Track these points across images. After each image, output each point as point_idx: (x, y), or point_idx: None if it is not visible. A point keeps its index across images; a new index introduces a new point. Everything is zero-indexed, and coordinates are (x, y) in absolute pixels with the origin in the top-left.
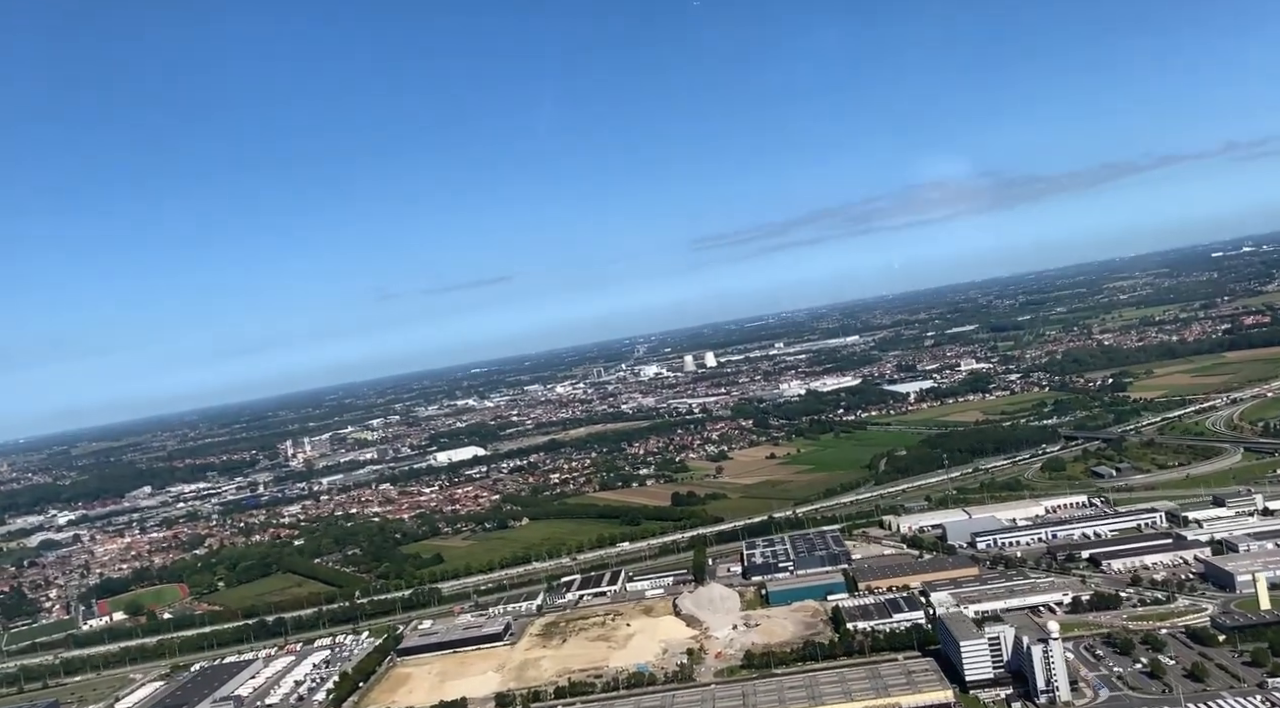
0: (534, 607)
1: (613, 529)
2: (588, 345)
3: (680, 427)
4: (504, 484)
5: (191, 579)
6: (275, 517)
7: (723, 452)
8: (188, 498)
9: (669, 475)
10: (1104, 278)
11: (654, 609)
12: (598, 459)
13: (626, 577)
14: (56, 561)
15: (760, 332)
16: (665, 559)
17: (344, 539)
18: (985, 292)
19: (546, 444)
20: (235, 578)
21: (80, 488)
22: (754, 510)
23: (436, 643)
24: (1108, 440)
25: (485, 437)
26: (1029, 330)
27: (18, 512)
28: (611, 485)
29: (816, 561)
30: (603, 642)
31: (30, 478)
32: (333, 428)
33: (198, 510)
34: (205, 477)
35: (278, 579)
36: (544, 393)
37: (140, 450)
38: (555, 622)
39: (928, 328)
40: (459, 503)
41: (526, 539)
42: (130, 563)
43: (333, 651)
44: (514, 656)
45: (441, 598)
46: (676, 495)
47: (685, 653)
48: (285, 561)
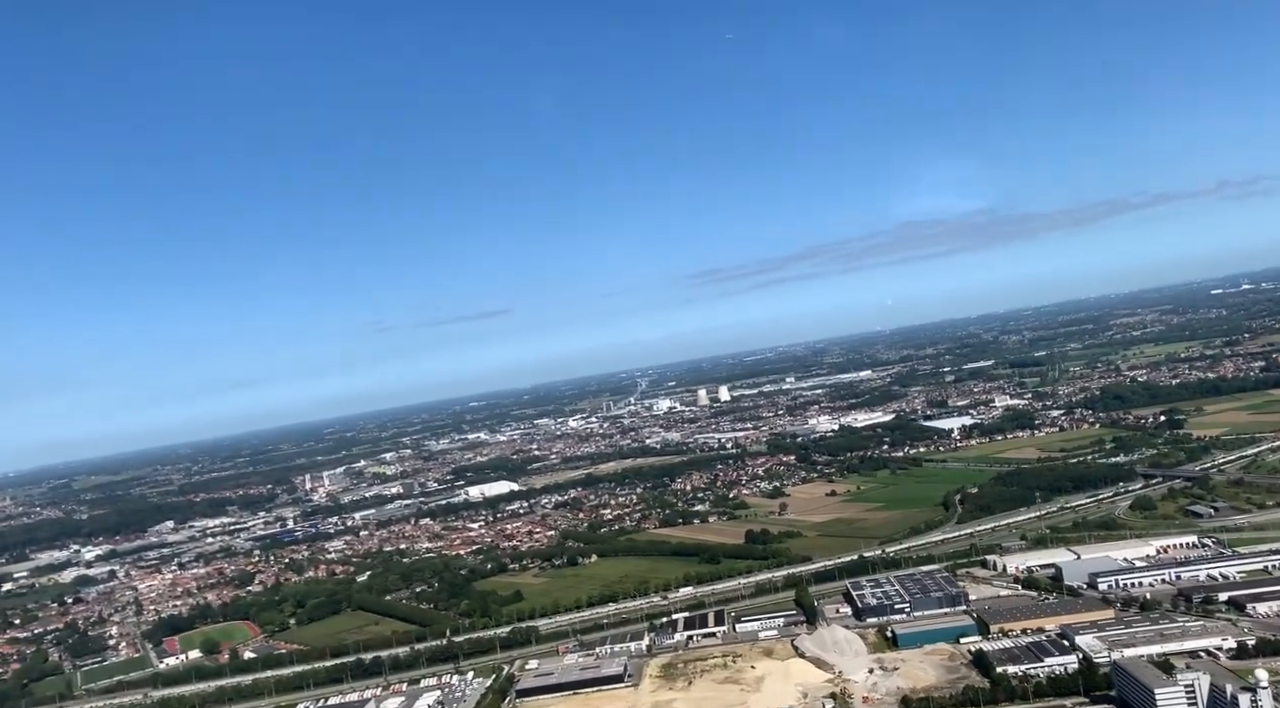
0: (642, 647)
1: (693, 568)
2: (584, 379)
3: (718, 462)
4: (553, 520)
5: (259, 617)
6: (319, 552)
7: (777, 488)
8: (215, 533)
9: (729, 512)
10: (1107, 314)
11: (774, 651)
12: (645, 495)
13: (733, 617)
14: (99, 597)
15: (763, 366)
16: (762, 599)
17: (409, 576)
18: (984, 327)
19: (583, 479)
20: (305, 616)
21: (100, 523)
22: (836, 549)
23: (555, 684)
24: (1190, 479)
25: (512, 471)
26: (1050, 366)
27: (39, 547)
28: (672, 522)
29: (933, 602)
30: (733, 684)
31: (40, 512)
32: (344, 462)
33: (231, 546)
34: (225, 511)
35: (349, 617)
36: (556, 427)
37: (145, 484)
38: (672, 663)
39: (940, 363)
40: (514, 539)
41: (602, 576)
42: (181, 600)
43: (442, 691)
44: (641, 698)
45: (540, 637)
46: (750, 533)
47: (828, 697)
48: (355, 598)
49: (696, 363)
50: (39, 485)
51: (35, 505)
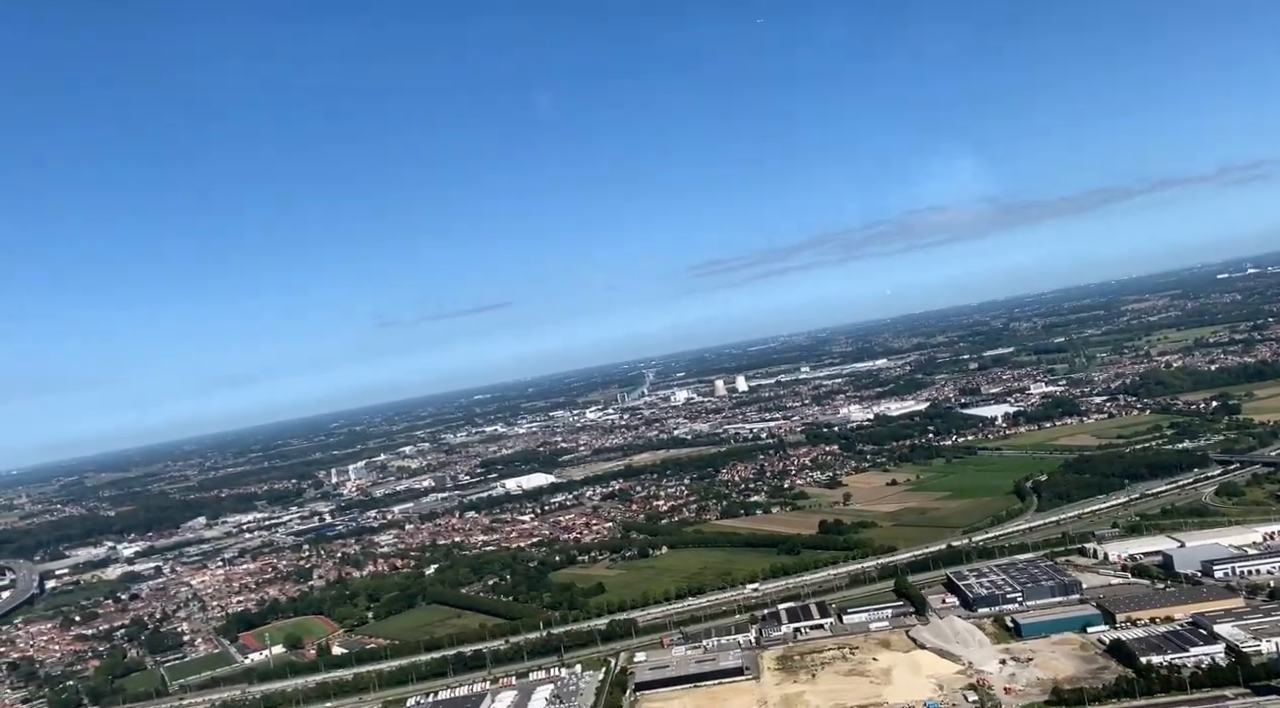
0: (749, 640)
1: (773, 559)
2: (587, 371)
3: (758, 452)
4: (605, 512)
5: (334, 612)
6: (370, 546)
7: (833, 478)
8: (250, 528)
9: (789, 502)
10: (1115, 300)
11: (890, 643)
12: (693, 486)
13: (835, 609)
14: (154, 593)
15: (769, 356)
16: (856, 590)
17: (479, 569)
18: (989, 315)
19: (623, 471)
20: (381, 610)
21: (129, 520)
22: (917, 539)
23: (675, 677)
24: (1271, 465)
25: (545, 464)
26: (1074, 353)
27: (71, 544)
28: (733, 513)
29: (1045, 591)
30: (858, 677)
31: (61, 510)
32: (361, 456)
33: (272, 541)
34: (254, 507)
35: (426, 611)
36: (574, 419)
37: (160, 481)
38: (786, 655)
39: (958, 351)
40: (571, 531)
41: (679, 568)
42: (243, 595)
43: (555, 685)
44: (769, 692)
45: (638, 629)
46: (823, 524)
47: (966, 688)
48: (428, 591)
49: (699, 353)
50: (48, 483)
51: (55, 503)
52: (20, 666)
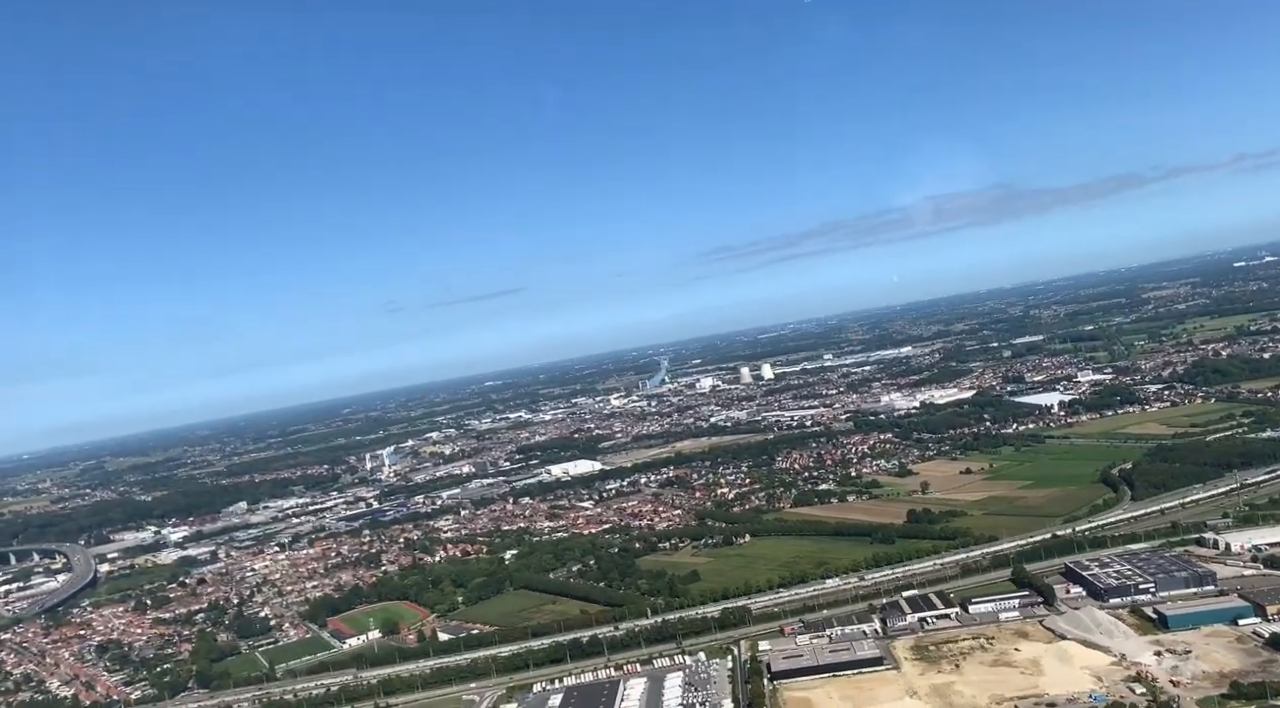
0: (874, 629)
1: (868, 548)
2: (597, 357)
3: (810, 440)
4: (667, 499)
5: (421, 598)
6: (432, 532)
7: (903, 467)
8: (295, 513)
9: (864, 491)
10: (1135, 287)
11: (1028, 634)
12: (753, 473)
13: (954, 598)
14: (217, 578)
15: (783, 343)
16: (968, 580)
17: (561, 555)
18: (1002, 302)
19: (672, 458)
20: (471, 596)
21: (169, 505)
22: (1015, 529)
23: (812, 667)
24: None
25: (584, 450)
26: (1107, 341)
27: (113, 529)
28: (806, 501)
29: (1179, 582)
30: (1006, 667)
31: (91, 494)
32: (386, 442)
33: (324, 526)
34: (291, 492)
35: (516, 597)
36: (599, 406)
37: (184, 466)
38: (919, 645)
39: (986, 339)
40: (640, 518)
41: (772, 556)
42: (316, 581)
43: (685, 673)
44: (915, 682)
45: (753, 618)
46: (912, 512)
47: (1129, 681)
48: (515, 577)
49: (710, 340)
50: (65, 467)
51: (82, 487)
52: (109, 648)
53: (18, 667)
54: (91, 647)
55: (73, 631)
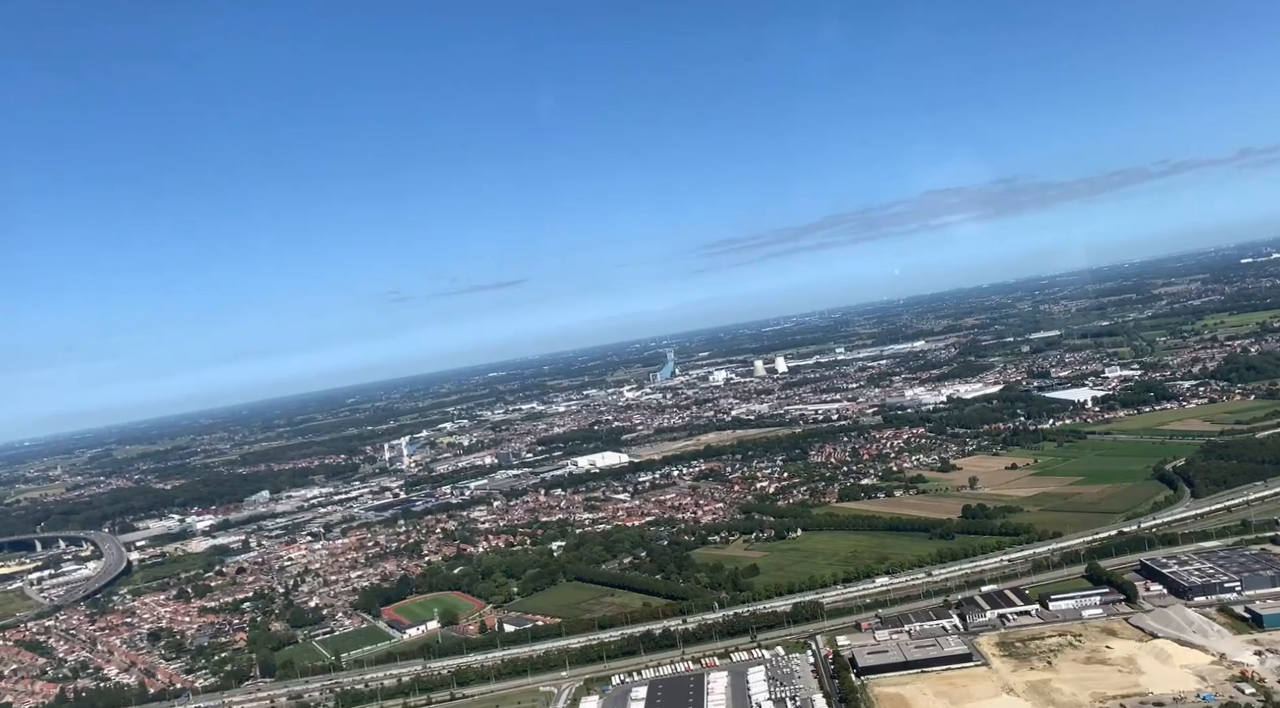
0: (953, 625)
1: (927, 544)
2: (599, 348)
3: (841, 434)
4: (704, 491)
5: (474, 588)
6: (469, 523)
7: (945, 462)
8: (320, 503)
9: (910, 486)
10: (1144, 283)
11: (1116, 631)
12: (788, 467)
13: (1027, 594)
14: (255, 567)
15: (788, 336)
16: (1041, 576)
17: (611, 547)
18: (1007, 296)
19: (701, 451)
20: (526, 587)
21: (190, 493)
22: (1075, 525)
23: (900, 662)
24: None
25: (606, 442)
26: (1130, 337)
27: (135, 517)
28: (852, 496)
29: (1265, 580)
30: (1101, 665)
31: (105, 482)
32: (404, 432)
33: (353, 517)
34: (311, 482)
35: (571, 588)
36: (612, 398)
37: (192, 454)
38: (1004, 642)
39: (998, 334)
40: (682, 511)
41: (828, 551)
42: (359, 571)
43: (766, 667)
44: (1010, 679)
45: (825, 612)
46: (967, 508)
47: (1236, 680)
48: (567, 569)
49: (713, 333)
50: (71, 455)
51: (96, 475)
52: (161, 636)
53: (71, 654)
54: (141, 635)
55: (118, 618)
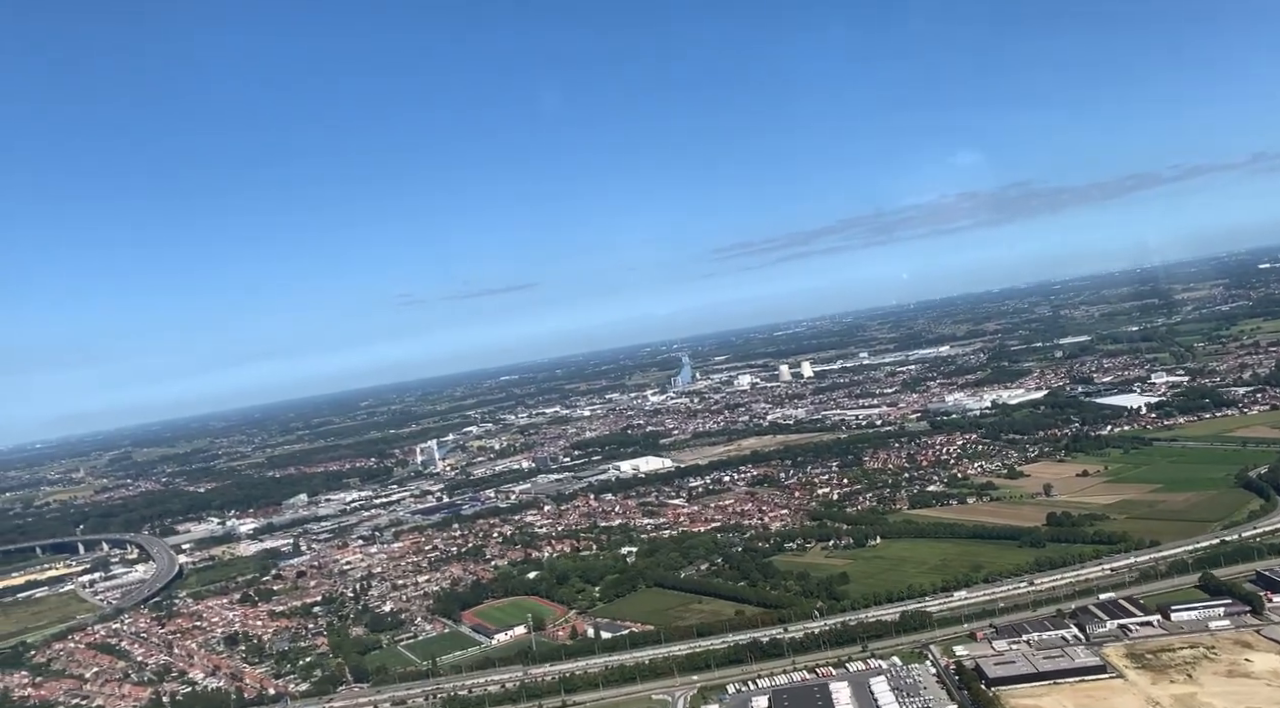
0: (1073, 635)
1: (1023, 552)
2: (613, 351)
3: (891, 439)
4: (764, 497)
5: (555, 594)
6: (526, 527)
7: (1012, 468)
8: (359, 507)
9: (979, 492)
10: (1163, 288)
11: (1250, 644)
12: (845, 473)
13: (1157, 606)
14: (315, 570)
15: (801, 340)
16: (1151, 585)
17: (687, 553)
18: (1025, 301)
19: (749, 456)
20: (607, 593)
21: (227, 496)
22: (1164, 533)
23: (1029, 674)
24: None
25: (644, 447)
26: (1164, 342)
27: (174, 520)
28: (924, 503)
29: None
30: (1245, 678)
31: (135, 485)
32: (430, 436)
33: (400, 520)
34: (346, 485)
35: (652, 595)
36: (636, 402)
37: (214, 457)
38: (1133, 654)
39: (1026, 339)
40: (747, 517)
41: (915, 559)
42: (426, 576)
43: (888, 677)
44: (1152, 692)
45: (933, 622)
46: (1052, 515)
47: None
48: (645, 575)
49: (724, 336)
50: (87, 457)
51: (121, 477)
52: (238, 640)
53: (149, 657)
54: (214, 638)
55: (186, 622)
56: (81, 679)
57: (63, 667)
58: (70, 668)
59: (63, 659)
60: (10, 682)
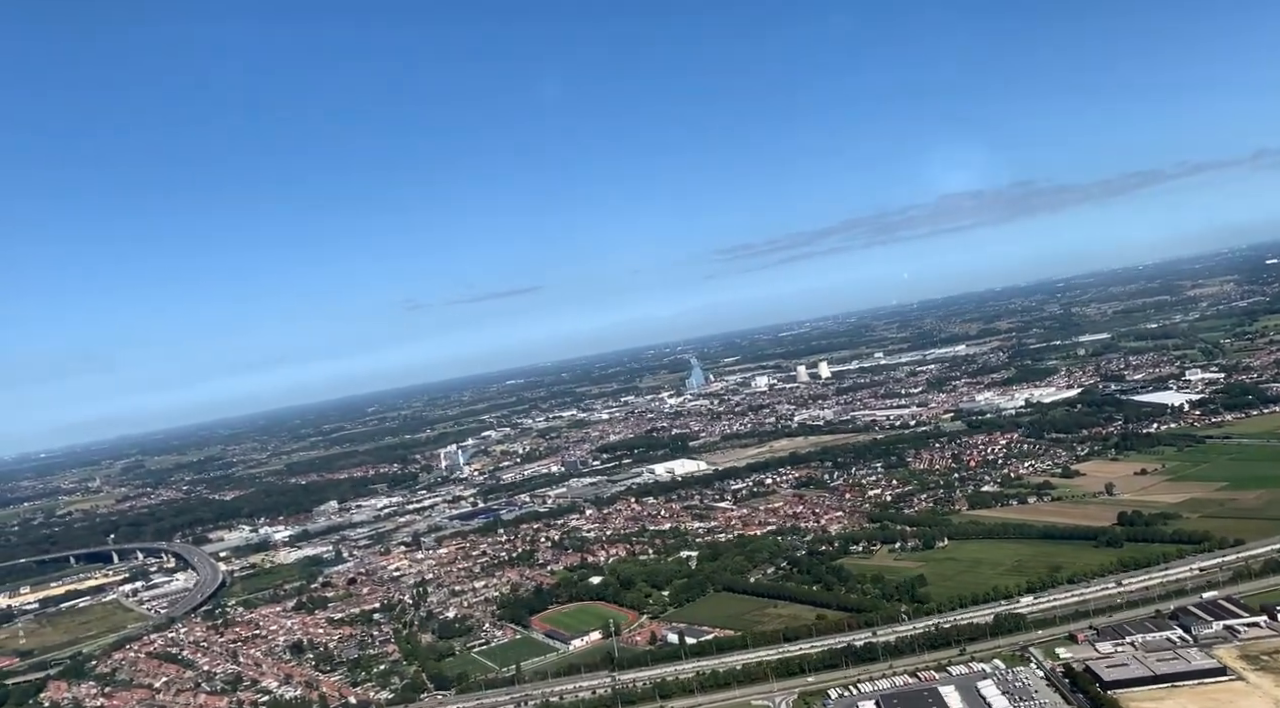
0: (1178, 637)
1: (1097, 553)
2: (617, 353)
3: (931, 440)
4: (815, 500)
5: (622, 598)
6: (574, 531)
7: (1066, 467)
8: (394, 512)
9: (1038, 492)
10: (1171, 285)
11: None
12: (894, 474)
13: (1261, 606)
14: (364, 578)
15: (807, 340)
16: (1244, 586)
17: (751, 557)
18: (1031, 299)
19: (787, 458)
20: (678, 597)
21: (255, 503)
22: (1245, 532)
23: (1145, 677)
24: None
25: (674, 449)
26: (1186, 339)
27: (204, 528)
28: (983, 504)
29: None
30: None
31: (156, 493)
32: (446, 440)
33: (438, 526)
34: (373, 491)
35: (725, 599)
36: (653, 404)
37: (228, 464)
38: (1249, 655)
39: (1044, 337)
40: (801, 520)
41: (990, 560)
42: (482, 581)
43: (994, 680)
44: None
45: (1027, 624)
46: (1123, 515)
47: None
48: (713, 578)
49: (728, 337)
50: (97, 466)
51: (140, 486)
52: (304, 648)
53: (215, 666)
54: (278, 646)
55: (245, 630)
56: (152, 689)
57: (129, 677)
58: (137, 678)
59: (126, 669)
60: (79, 692)
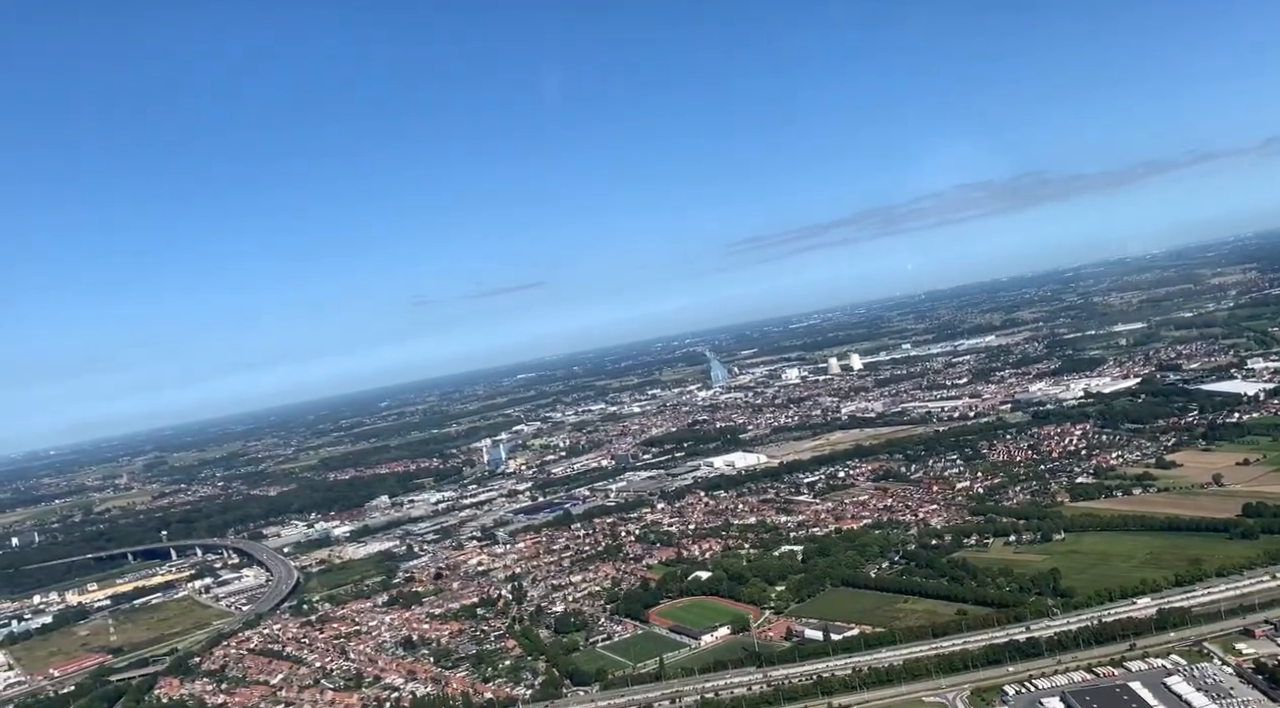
0: None
1: (1234, 545)
2: (628, 346)
3: (998, 431)
4: (900, 492)
5: (737, 593)
6: (652, 526)
7: (1160, 458)
8: (450, 507)
9: (1140, 484)
10: (1189, 274)
11: None
12: (973, 467)
13: None
14: (450, 573)
15: (822, 332)
16: None
17: (862, 551)
18: (1044, 289)
19: (851, 451)
20: (799, 593)
21: (304, 499)
22: None
23: None
24: None
25: (726, 443)
26: (1225, 326)
27: (255, 524)
28: (1087, 496)
29: None
30: None
31: (190, 490)
32: (478, 435)
33: (504, 521)
34: (420, 487)
35: (843, 594)
36: (683, 397)
37: (252, 460)
38: None
39: (1077, 326)
40: (898, 513)
41: (1119, 553)
42: (579, 576)
43: (1182, 675)
44: None
45: (1193, 618)
46: (1248, 506)
47: None
48: (831, 573)
49: (738, 330)
50: (115, 463)
51: (170, 483)
52: (416, 644)
53: (327, 662)
54: (385, 643)
55: (345, 626)
56: (270, 686)
57: (240, 673)
58: (250, 675)
59: (234, 666)
60: (194, 688)
